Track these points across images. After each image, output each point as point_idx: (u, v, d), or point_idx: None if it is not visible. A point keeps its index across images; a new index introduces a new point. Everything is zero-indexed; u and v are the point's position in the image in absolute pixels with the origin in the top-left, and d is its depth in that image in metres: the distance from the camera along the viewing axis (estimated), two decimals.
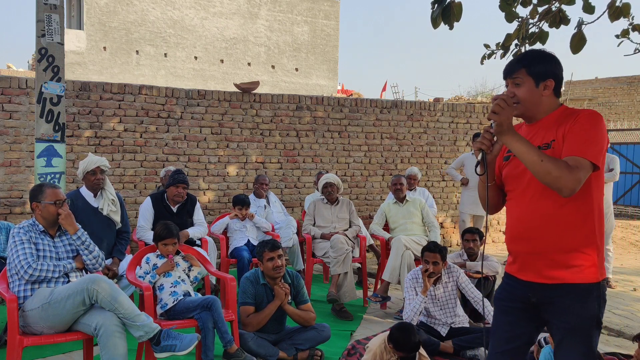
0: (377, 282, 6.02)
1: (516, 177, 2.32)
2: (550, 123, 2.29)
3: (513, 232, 2.35)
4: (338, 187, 6.02)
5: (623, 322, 5.25)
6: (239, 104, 7.37)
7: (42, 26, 4.49)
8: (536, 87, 2.29)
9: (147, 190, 6.85)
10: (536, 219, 2.25)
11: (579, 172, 2.10)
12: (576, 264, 2.20)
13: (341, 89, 24.54)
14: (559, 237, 2.21)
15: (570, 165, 2.10)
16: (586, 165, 2.13)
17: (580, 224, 2.21)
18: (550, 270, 2.23)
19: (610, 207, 6.91)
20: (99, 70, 20.47)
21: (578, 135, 2.18)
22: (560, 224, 2.21)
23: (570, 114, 2.27)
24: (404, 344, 3.56)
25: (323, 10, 24.61)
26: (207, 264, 4.45)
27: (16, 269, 3.36)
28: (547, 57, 2.34)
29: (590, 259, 2.21)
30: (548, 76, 2.30)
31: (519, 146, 2.14)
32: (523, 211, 2.30)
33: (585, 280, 2.20)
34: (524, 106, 2.31)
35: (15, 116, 6.28)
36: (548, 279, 2.24)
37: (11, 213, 6.27)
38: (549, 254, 2.23)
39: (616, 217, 9.41)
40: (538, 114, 2.33)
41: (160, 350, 3.33)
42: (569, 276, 2.20)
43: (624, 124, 18.59)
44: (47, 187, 3.61)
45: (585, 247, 2.21)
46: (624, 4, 3.46)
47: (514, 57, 3.76)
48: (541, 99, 2.30)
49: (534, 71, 2.29)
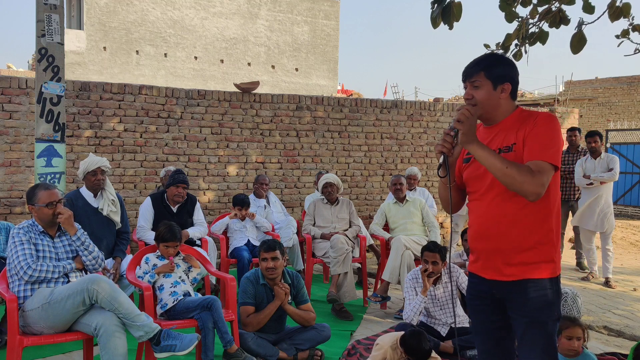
0: (377, 282, 6.02)
1: (477, 178, 2.40)
2: (509, 125, 2.37)
3: (475, 231, 2.43)
4: (338, 187, 6.02)
5: (623, 322, 5.25)
6: (239, 104, 7.37)
7: (42, 26, 4.49)
8: (494, 90, 2.36)
9: (147, 190, 6.85)
10: (497, 220, 2.34)
11: (542, 175, 2.20)
12: (534, 261, 2.30)
13: (341, 89, 24.56)
14: (519, 237, 2.30)
15: (533, 170, 2.20)
16: (547, 168, 2.22)
17: (539, 223, 2.30)
18: (509, 267, 2.33)
19: (611, 207, 6.92)
20: (99, 70, 20.48)
21: (537, 139, 2.26)
22: (520, 224, 2.30)
23: (528, 116, 2.35)
24: (416, 350, 3.63)
25: (323, 10, 24.61)
26: (207, 264, 4.46)
27: (16, 270, 3.36)
28: (505, 61, 2.42)
29: (548, 256, 2.31)
30: (505, 80, 2.36)
31: (483, 154, 2.23)
32: (485, 212, 2.38)
33: (543, 275, 2.30)
34: (482, 108, 2.37)
35: (15, 116, 6.28)
36: (508, 276, 2.34)
37: (11, 213, 6.27)
38: (509, 252, 2.33)
39: (616, 217, 9.41)
40: (496, 117, 2.40)
41: (160, 350, 3.33)
42: (527, 273, 2.30)
43: (624, 124, 18.60)
44: (41, 190, 3.54)
45: (543, 245, 2.30)
46: (624, 4, 3.46)
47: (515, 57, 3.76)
48: (499, 101, 2.37)
49: (492, 74, 2.35)
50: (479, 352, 2.56)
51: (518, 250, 2.30)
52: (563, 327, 3.44)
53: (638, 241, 10.39)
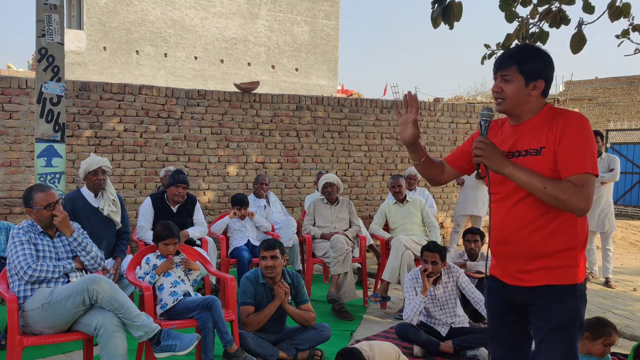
0: (377, 282, 6.02)
1: (501, 182, 2.28)
2: (537, 125, 2.24)
3: (496, 236, 2.34)
4: (338, 187, 6.02)
5: (623, 322, 5.25)
6: (239, 104, 7.37)
7: (42, 26, 4.49)
8: (525, 87, 2.22)
9: (147, 190, 6.85)
10: (519, 225, 2.24)
11: (586, 189, 2.10)
12: (557, 266, 2.21)
13: (341, 89, 24.55)
14: (541, 242, 2.21)
15: (577, 185, 2.09)
16: (590, 180, 2.12)
17: (562, 228, 2.20)
18: (532, 273, 2.24)
19: (611, 207, 6.92)
20: (99, 70, 20.48)
21: (573, 148, 2.13)
22: (542, 229, 2.21)
23: (557, 115, 2.21)
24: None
25: (323, 10, 24.61)
26: (207, 264, 4.45)
27: (16, 270, 3.36)
28: (541, 55, 2.24)
29: (572, 261, 2.22)
30: (539, 76, 2.22)
31: (520, 176, 2.14)
32: (506, 216, 2.28)
33: (567, 281, 2.21)
34: (509, 104, 2.26)
35: (15, 116, 6.28)
36: (530, 282, 2.25)
37: (11, 213, 6.27)
38: (529, 258, 2.24)
39: (616, 217, 9.41)
40: (523, 114, 2.27)
41: (160, 350, 3.33)
42: (550, 278, 2.21)
43: (624, 124, 18.60)
44: (36, 192, 3.51)
45: (566, 249, 2.21)
46: (624, 4, 3.47)
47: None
48: (528, 98, 2.23)
49: (525, 69, 2.21)
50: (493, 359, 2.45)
51: (538, 256, 2.22)
52: (605, 334, 3.37)
53: (638, 241, 10.39)
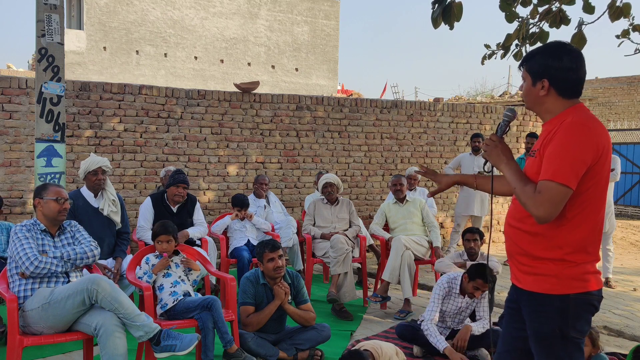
0: (377, 282, 6.02)
1: None
2: (550, 128, 2.16)
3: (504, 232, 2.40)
4: (338, 187, 6.02)
5: (623, 322, 5.25)
6: (239, 104, 7.37)
7: (42, 26, 4.49)
8: (533, 86, 2.19)
9: (147, 190, 6.85)
10: (511, 221, 2.28)
11: (542, 196, 2.03)
12: (538, 273, 2.15)
13: (341, 89, 24.53)
14: (525, 243, 2.20)
15: (537, 191, 2.07)
16: (551, 187, 2.02)
17: (545, 233, 2.14)
18: (520, 274, 2.24)
19: (611, 207, 6.91)
20: (99, 70, 20.47)
21: (551, 154, 2.06)
22: (526, 229, 2.20)
23: (566, 118, 2.11)
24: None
25: (323, 10, 24.60)
26: (207, 264, 4.45)
27: (21, 261, 3.33)
28: (547, 52, 2.16)
29: (552, 270, 2.12)
30: (542, 75, 2.15)
31: (507, 174, 2.22)
32: (509, 212, 2.35)
33: (544, 290, 2.13)
34: (526, 103, 2.27)
35: (15, 116, 6.28)
36: (518, 283, 2.26)
37: (11, 213, 6.27)
38: (519, 258, 2.24)
39: (616, 217, 9.40)
40: (542, 114, 2.23)
41: (160, 350, 3.33)
42: (530, 283, 2.18)
43: (624, 124, 18.58)
44: (52, 186, 3.67)
45: (548, 257, 2.13)
46: (624, 4, 3.47)
47: (515, 57, 3.74)
48: (539, 98, 2.18)
49: (530, 68, 2.19)
50: (496, 353, 2.43)
51: (525, 257, 2.19)
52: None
53: (638, 241, 10.38)
